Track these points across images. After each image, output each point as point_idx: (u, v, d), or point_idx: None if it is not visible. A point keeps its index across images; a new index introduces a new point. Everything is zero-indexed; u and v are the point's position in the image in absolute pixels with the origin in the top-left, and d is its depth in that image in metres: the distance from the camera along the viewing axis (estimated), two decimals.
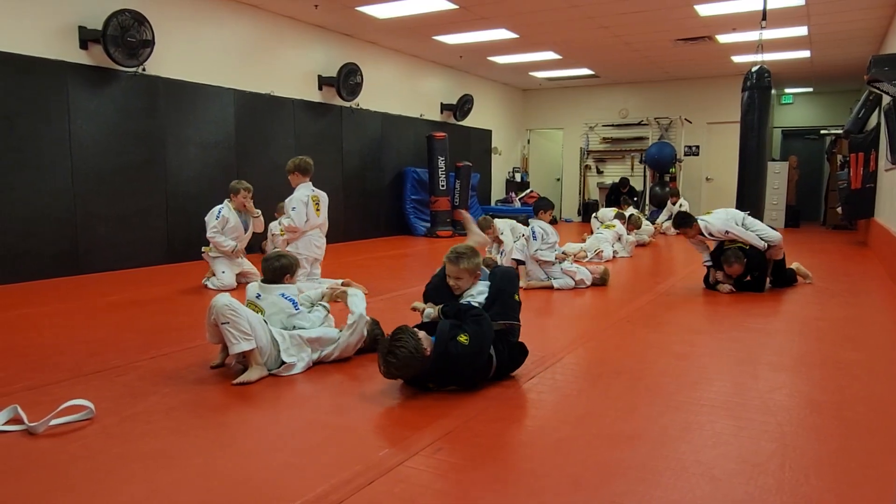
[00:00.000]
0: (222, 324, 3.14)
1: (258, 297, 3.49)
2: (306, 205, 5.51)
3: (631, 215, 9.33)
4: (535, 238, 5.99)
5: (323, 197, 5.73)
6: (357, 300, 3.56)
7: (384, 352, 2.85)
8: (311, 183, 5.66)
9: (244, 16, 8.22)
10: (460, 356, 2.89)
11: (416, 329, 2.95)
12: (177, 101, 7.41)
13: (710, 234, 5.74)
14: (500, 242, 6.98)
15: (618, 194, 12.66)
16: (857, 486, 2.16)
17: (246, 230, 5.99)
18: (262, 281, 3.57)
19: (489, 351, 3.02)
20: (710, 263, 5.90)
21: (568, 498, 2.06)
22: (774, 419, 2.72)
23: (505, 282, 3.26)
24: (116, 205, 6.83)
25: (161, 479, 2.17)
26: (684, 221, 5.88)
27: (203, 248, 5.96)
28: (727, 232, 5.66)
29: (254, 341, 3.17)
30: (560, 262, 6.03)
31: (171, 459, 2.32)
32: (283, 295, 3.47)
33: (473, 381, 3.02)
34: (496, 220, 7.04)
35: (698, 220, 5.79)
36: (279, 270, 3.53)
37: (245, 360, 3.23)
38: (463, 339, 2.89)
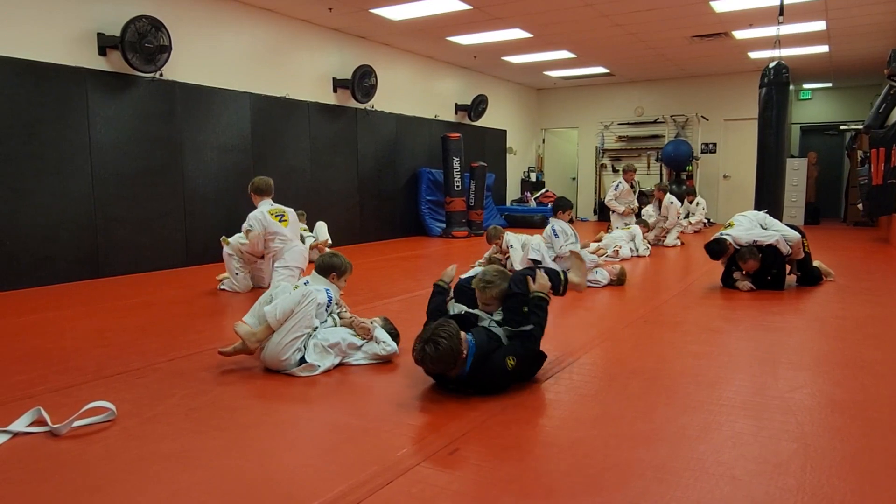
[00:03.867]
0: (287, 293, 3.44)
1: (306, 283, 3.68)
2: (261, 221, 5.51)
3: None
4: (557, 236, 6.06)
5: (289, 211, 5.72)
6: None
7: (425, 337, 2.83)
8: (270, 200, 5.68)
9: (259, 20, 8.29)
10: (501, 376, 2.93)
11: (460, 332, 2.90)
12: (194, 106, 7.48)
13: (740, 246, 5.68)
14: (504, 253, 6.92)
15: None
16: (880, 486, 2.13)
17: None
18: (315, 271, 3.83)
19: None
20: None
21: (586, 499, 2.05)
22: (795, 419, 2.69)
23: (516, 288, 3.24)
24: (135, 209, 6.91)
25: (181, 480, 2.19)
26: (720, 250, 5.70)
27: (222, 237, 5.87)
28: (755, 241, 5.62)
29: (276, 324, 3.31)
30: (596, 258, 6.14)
31: (191, 460, 2.34)
32: (326, 290, 3.63)
33: (497, 392, 3.00)
34: (507, 233, 6.99)
35: (726, 239, 5.70)
36: (328, 267, 3.75)
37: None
38: (511, 362, 2.92)
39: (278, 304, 3.37)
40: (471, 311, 3.28)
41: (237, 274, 5.80)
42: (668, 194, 9.82)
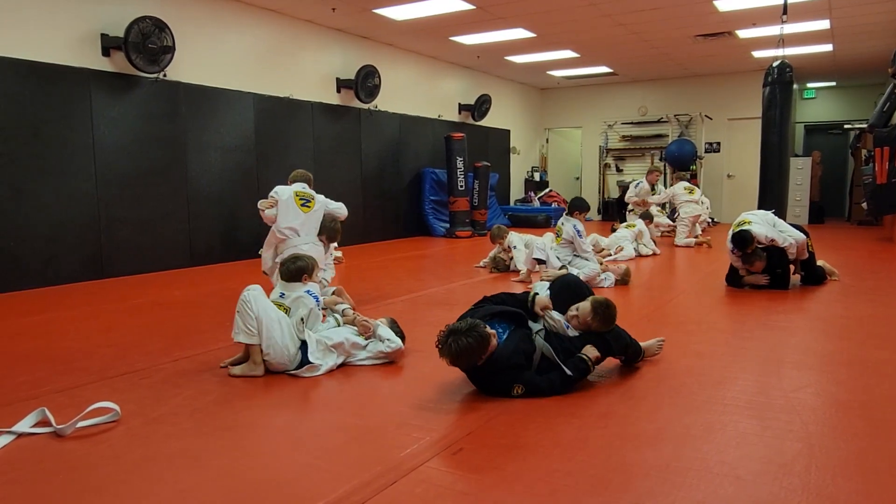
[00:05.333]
0: (236, 311, 3.32)
1: (282, 295, 3.57)
2: (283, 192, 4.93)
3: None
4: (581, 236, 6.05)
5: (319, 201, 5.31)
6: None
7: (458, 329, 2.83)
8: (305, 185, 5.29)
9: (263, 20, 8.30)
10: (501, 392, 2.94)
11: (491, 339, 2.90)
12: (197, 106, 7.49)
13: (759, 243, 5.65)
14: (508, 251, 6.91)
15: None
16: (885, 487, 2.12)
17: None
18: (283, 280, 3.68)
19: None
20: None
21: (589, 498, 2.05)
22: (799, 419, 2.68)
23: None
24: (139, 209, 6.93)
25: (186, 480, 2.19)
26: (750, 239, 5.52)
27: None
28: (772, 240, 5.59)
29: (255, 338, 3.28)
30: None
31: (196, 460, 2.35)
32: (308, 291, 3.57)
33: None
34: (511, 233, 6.98)
35: (752, 231, 5.62)
36: (297, 272, 3.64)
37: (246, 353, 3.39)
38: (517, 391, 2.92)
39: (241, 326, 3.30)
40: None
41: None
42: (679, 182, 9.90)
